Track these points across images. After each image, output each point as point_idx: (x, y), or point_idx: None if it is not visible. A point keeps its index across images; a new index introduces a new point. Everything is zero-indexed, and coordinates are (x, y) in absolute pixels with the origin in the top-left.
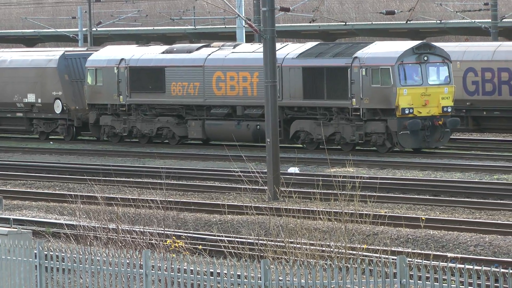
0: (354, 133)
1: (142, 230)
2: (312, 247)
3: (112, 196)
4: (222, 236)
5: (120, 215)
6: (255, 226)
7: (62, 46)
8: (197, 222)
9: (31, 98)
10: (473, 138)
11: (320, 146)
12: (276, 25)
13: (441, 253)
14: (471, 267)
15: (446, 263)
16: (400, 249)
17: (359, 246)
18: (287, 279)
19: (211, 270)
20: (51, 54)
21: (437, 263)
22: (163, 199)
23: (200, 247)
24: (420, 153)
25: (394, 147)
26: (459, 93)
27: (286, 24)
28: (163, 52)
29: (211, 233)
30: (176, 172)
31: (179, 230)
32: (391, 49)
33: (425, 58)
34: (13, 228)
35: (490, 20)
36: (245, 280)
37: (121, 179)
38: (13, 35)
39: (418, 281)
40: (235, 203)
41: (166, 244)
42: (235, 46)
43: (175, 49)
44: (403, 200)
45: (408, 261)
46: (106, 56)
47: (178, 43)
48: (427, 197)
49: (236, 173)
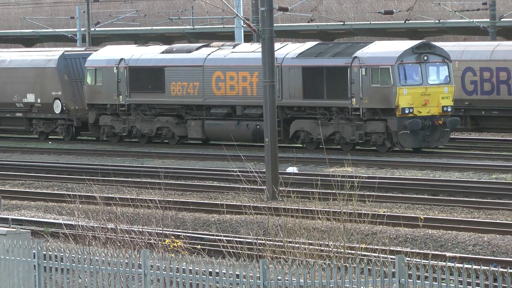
0: (354, 133)
1: (141, 230)
2: (311, 247)
3: (111, 196)
4: (221, 236)
5: (119, 215)
6: (254, 226)
7: (61, 46)
8: (196, 222)
9: (31, 98)
10: (472, 138)
11: (320, 146)
12: (275, 25)
13: (440, 253)
14: (470, 267)
15: (445, 263)
16: (399, 249)
17: (358, 246)
18: (286, 279)
19: (210, 270)
20: (51, 54)
21: (436, 263)
22: (162, 199)
23: (199, 247)
24: (419, 153)
25: (394, 147)
26: (458, 93)
27: (285, 24)
28: (163, 52)
29: (210, 233)
30: (175, 172)
31: (178, 230)
32: (391, 49)
33: (425, 58)
34: (12, 228)
35: (489, 20)
36: (244, 280)
37: (120, 179)
38: (12, 35)
39: (417, 281)
40: (234, 203)
41: (165, 244)
42: (235, 46)
43: (175, 49)
44: (402, 200)
45: (407, 261)
46: (106, 56)
47: (177, 43)
48: (426, 197)
49: (235, 173)
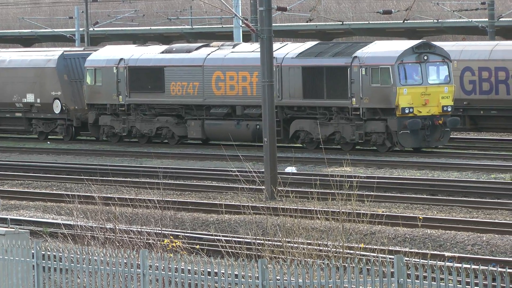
0: (354, 133)
1: (140, 230)
2: (310, 247)
3: (110, 196)
4: (220, 236)
5: (118, 215)
6: (253, 226)
7: (59, 46)
8: (195, 222)
9: (30, 98)
10: (471, 138)
11: (320, 146)
12: (273, 25)
13: (439, 253)
14: (469, 267)
15: (444, 262)
16: (398, 249)
17: (357, 246)
18: (285, 279)
19: (209, 270)
20: (50, 54)
21: (435, 263)
22: (161, 199)
23: (198, 247)
24: (418, 153)
25: (394, 147)
26: (456, 93)
27: (283, 24)
28: (162, 52)
29: (209, 233)
30: (174, 172)
31: (177, 230)
32: (391, 49)
33: (425, 58)
34: (11, 228)
35: (487, 19)
36: (243, 280)
37: (119, 179)
38: (10, 35)
39: (416, 281)
40: (233, 203)
41: (164, 244)
42: (235, 46)
43: (174, 49)
44: (401, 200)
45: (406, 261)
46: (105, 56)
47: (176, 43)
48: (425, 197)
49: (234, 173)
